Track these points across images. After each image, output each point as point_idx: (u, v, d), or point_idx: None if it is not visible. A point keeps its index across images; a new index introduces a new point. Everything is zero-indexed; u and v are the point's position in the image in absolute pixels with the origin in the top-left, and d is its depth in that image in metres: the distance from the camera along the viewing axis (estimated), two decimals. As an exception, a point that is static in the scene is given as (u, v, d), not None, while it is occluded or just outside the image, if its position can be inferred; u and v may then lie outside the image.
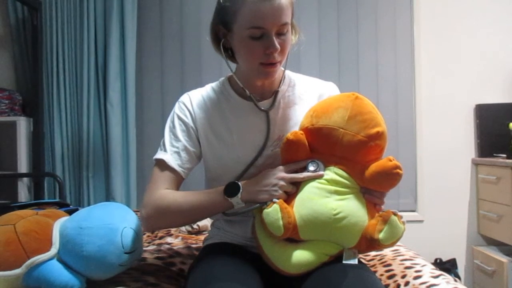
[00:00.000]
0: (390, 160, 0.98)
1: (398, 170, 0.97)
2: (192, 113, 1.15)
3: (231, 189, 1.02)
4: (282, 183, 1.00)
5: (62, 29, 2.66)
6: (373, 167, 0.99)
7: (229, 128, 1.14)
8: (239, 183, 1.03)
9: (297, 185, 1.02)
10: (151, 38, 2.83)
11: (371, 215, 0.99)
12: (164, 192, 1.09)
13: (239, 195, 1.01)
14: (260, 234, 1.02)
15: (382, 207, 1.03)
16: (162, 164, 1.12)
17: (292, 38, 1.10)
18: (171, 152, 1.12)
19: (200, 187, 1.17)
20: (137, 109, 2.75)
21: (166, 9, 2.84)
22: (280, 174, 1.02)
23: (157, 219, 1.09)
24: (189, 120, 1.15)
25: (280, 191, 1.00)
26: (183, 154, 1.12)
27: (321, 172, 1.00)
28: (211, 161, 1.16)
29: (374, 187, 1.01)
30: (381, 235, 0.96)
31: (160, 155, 1.13)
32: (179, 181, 1.13)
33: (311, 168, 1.01)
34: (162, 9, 2.84)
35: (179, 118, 1.15)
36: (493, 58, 2.76)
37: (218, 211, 1.08)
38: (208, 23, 1.13)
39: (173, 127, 1.15)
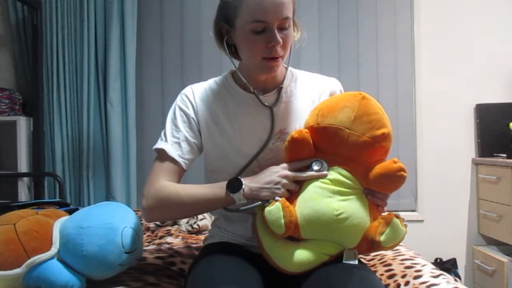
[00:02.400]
0: (395, 162, 0.98)
1: (402, 173, 0.97)
2: (194, 104, 1.15)
3: (234, 185, 1.02)
4: (284, 181, 1.00)
5: (62, 29, 2.66)
6: (377, 168, 0.98)
7: (231, 120, 1.14)
8: (242, 179, 1.02)
9: (300, 184, 1.02)
10: (151, 38, 2.83)
11: (373, 217, 0.99)
12: (165, 183, 1.08)
13: (241, 191, 1.00)
14: (261, 232, 1.02)
15: (385, 208, 1.03)
16: (162, 155, 1.11)
17: (294, 35, 1.10)
18: (172, 142, 1.12)
19: (199, 181, 1.17)
20: (137, 109, 2.75)
21: (166, 8, 2.84)
22: (283, 172, 1.01)
23: (158, 210, 1.08)
24: (190, 112, 1.15)
25: (283, 189, 1.00)
26: (183, 144, 1.12)
27: (324, 172, 1.00)
28: (212, 152, 1.15)
29: (377, 188, 1.01)
30: (382, 238, 0.96)
31: (160, 144, 1.12)
32: (180, 172, 1.12)
33: (315, 167, 1.01)
34: (162, 8, 2.84)
35: (181, 109, 1.15)
36: (493, 58, 2.76)
37: (219, 205, 1.07)
38: (209, 23, 1.14)
39: (174, 118, 1.15)
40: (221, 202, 1.04)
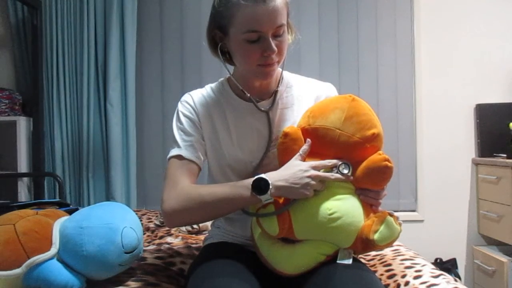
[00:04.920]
0: (379, 154, 0.98)
1: (386, 163, 0.97)
2: (196, 110, 1.15)
3: (260, 186, 0.97)
4: (313, 182, 0.96)
5: (62, 29, 2.66)
6: (363, 163, 0.99)
7: (228, 128, 1.14)
8: (267, 178, 0.97)
9: None
10: (151, 37, 2.83)
11: (367, 216, 0.99)
12: (186, 185, 1.06)
13: (269, 192, 0.96)
14: (257, 235, 1.03)
15: (380, 208, 1.03)
16: (177, 159, 1.10)
17: (288, 38, 1.09)
18: (184, 146, 1.11)
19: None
20: (137, 109, 2.75)
21: (166, 8, 2.83)
22: (312, 172, 0.97)
23: (181, 213, 1.03)
24: (194, 117, 1.15)
25: (312, 191, 0.97)
26: (196, 145, 1.12)
27: (352, 177, 0.99)
28: (212, 159, 1.16)
29: (367, 184, 1.00)
30: (376, 236, 0.95)
31: (174, 152, 1.11)
32: (197, 172, 1.11)
33: (344, 171, 0.99)
34: (162, 9, 2.83)
35: (185, 115, 1.15)
36: (493, 58, 2.76)
37: (243, 205, 1.04)
38: (209, 23, 1.13)
39: (180, 124, 1.14)
40: (246, 202, 1.01)
